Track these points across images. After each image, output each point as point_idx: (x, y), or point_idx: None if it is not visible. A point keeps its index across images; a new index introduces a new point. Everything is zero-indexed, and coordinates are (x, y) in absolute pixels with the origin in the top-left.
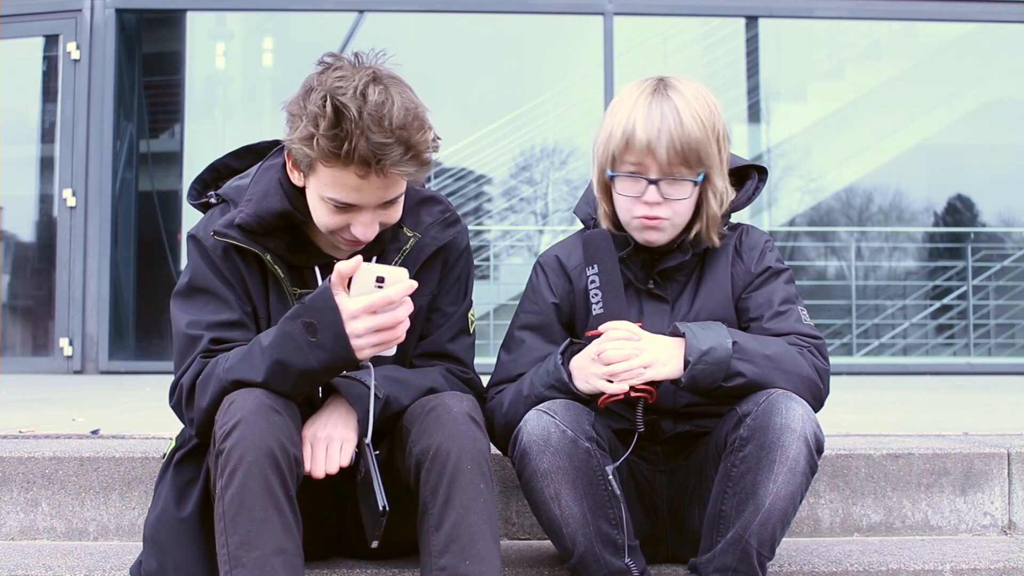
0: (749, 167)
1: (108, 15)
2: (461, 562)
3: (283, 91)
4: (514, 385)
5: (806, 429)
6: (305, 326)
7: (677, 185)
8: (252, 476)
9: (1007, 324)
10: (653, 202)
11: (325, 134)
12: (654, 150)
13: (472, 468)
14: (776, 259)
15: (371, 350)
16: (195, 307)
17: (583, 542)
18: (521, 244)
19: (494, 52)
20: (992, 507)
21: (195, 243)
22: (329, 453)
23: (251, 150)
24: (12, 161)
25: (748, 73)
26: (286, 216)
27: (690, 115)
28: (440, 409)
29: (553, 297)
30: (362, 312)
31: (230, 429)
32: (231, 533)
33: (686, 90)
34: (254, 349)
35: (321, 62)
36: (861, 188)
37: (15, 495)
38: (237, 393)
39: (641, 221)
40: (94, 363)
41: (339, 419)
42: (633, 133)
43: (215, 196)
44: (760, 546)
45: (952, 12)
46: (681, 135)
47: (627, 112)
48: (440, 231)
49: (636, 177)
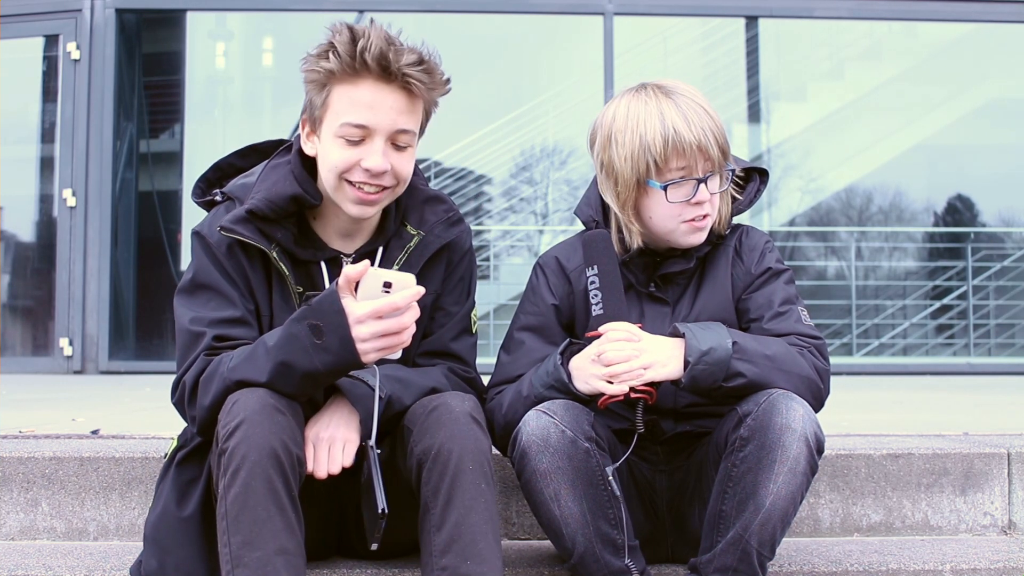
0: (751, 169)
1: (108, 15)
2: (463, 562)
3: (283, 91)
4: (514, 386)
5: (807, 429)
6: (311, 328)
7: (714, 179)
8: (255, 476)
9: (1007, 324)
10: (704, 201)
11: (341, 41)
12: (705, 148)
13: (474, 468)
14: (776, 260)
15: (376, 354)
16: (198, 304)
17: (583, 542)
18: (521, 244)
19: (494, 52)
20: (992, 507)
21: (200, 240)
22: (332, 453)
23: (255, 149)
24: (12, 161)
25: (748, 73)
26: (297, 200)
27: (708, 107)
28: (442, 409)
29: (553, 298)
30: (368, 317)
31: (233, 428)
32: (233, 532)
33: (683, 88)
34: (259, 349)
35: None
36: (861, 188)
37: (15, 495)
38: (241, 392)
39: (690, 225)
40: (94, 363)
41: (341, 419)
42: (680, 137)
43: (220, 194)
44: (760, 546)
45: (952, 12)
46: (715, 128)
47: (656, 120)
48: (444, 230)
49: (685, 181)
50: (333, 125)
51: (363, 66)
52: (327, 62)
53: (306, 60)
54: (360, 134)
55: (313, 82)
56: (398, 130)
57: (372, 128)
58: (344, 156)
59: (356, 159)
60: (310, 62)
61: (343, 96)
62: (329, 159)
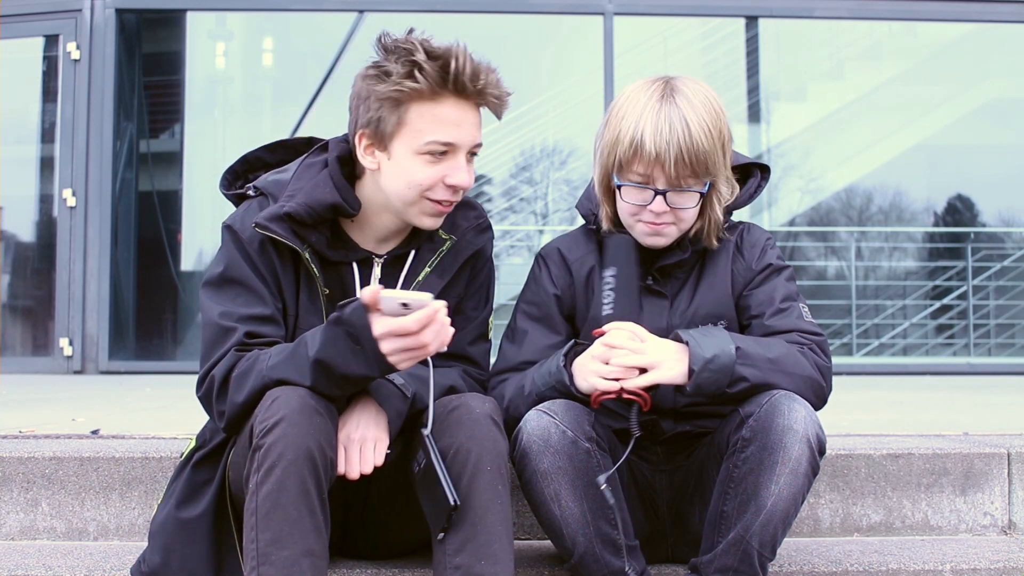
0: (751, 165)
1: (108, 15)
2: (476, 562)
3: (283, 91)
4: (516, 378)
5: (808, 430)
6: (348, 335)
7: (684, 195)
8: (290, 475)
9: (1007, 324)
10: (660, 211)
11: (429, 61)
12: (663, 162)
13: (492, 469)
14: (777, 256)
15: (408, 363)
16: (227, 298)
17: (583, 542)
18: (521, 244)
19: (494, 52)
20: (992, 507)
21: (231, 234)
22: (363, 454)
23: (284, 145)
24: (12, 161)
25: (748, 73)
26: (336, 209)
27: (698, 125)
28: (462, 409)
29: (555, 288)
30: (386, 336)
31: (271, 426)
32: (263, 529)
33: (693, 96)
34: (299, 349)
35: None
36: (861, 188)
37: (15, 495)
38: (280, 390)
39: (649, 226)
40: (94, 363)
41: (371, 419)
42: (642, 143)
43: (252, 188)
44: (761, 547)
45: (952, 12)
46: (690, 147)
47: (635, 119)
48: (475, 236)
49: (643, 187)
50: (414, 143)
51: (456, 83)
52: (414, 82)
53: (377, 79)
54: (444, 150)
55: (387, 99)
56: (476, 144)
57: (457, 145)
58: (429, 174)
59: (440, 176)
60: (388, 82)
61: (424, 114)
62: (411, 177)
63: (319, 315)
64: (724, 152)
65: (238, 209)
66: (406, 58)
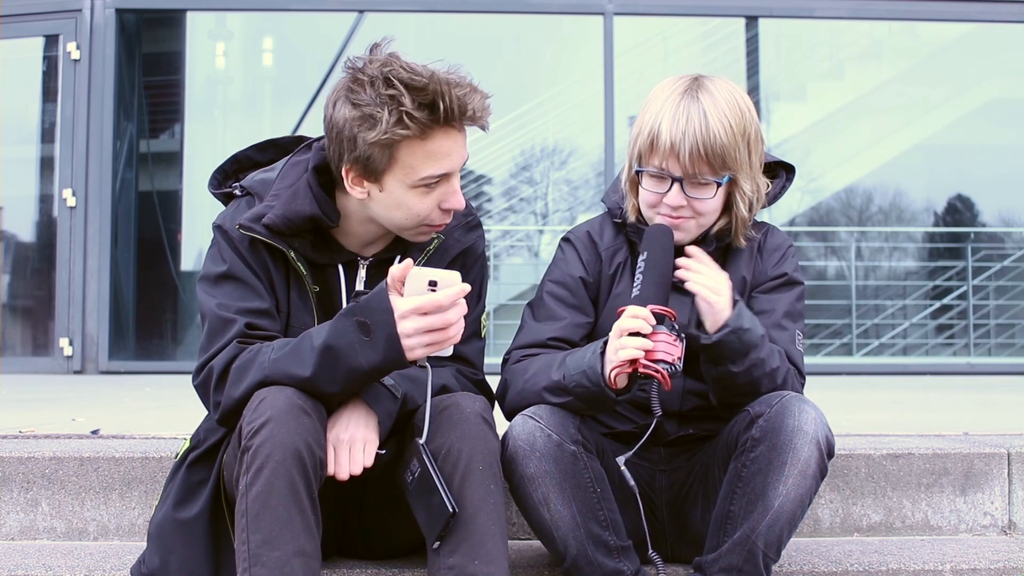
0: (776, 164)
1: (108, 15)
2: (470, 562)
3: (283, 91)
4: (546, 357)
5: (818, 432)
6: (359, 325)
7: (700, 187)
8: (278, 475)
9: (1007, 324)
10: (676, 204)
11: (415, 106)
12: (677, 152)
13: (484, 469)
14: (794, 268)
15: (423, 350)
16: (224, 292)
17: (575, 545)
18: (521, 244)
19: (494, 52)
20: (992, 507)
21: (222, 233)
22: (353, 454)
23: (274, 144)
24: (12, 161)
25: (748, 73)
26: (314, 220)
27: (717, 119)
28: (453, 409)
29: (583, 271)
30: (411, 313)
31: (259, 427)
32: (253, 531)
33: (718, 92)
34: (304, 343)
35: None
36: (861, 188)
37: (15, 495)
38: (268, 390)
39: (664, 219)
40: (94, 363)
41: (360, 420)
42: (658, 134)
43: (239, 188)
44: (767, 548)
45: (952, 12)
46: (706, 139)
47: (656, 111)
48: (463, 234)
49: (660, 176)
50: (408, 179)
51: (446, 118)
52: (404, 129)
53: (363, 123)
54: (439, 180)
55: (376, 144)
56: (465, 160)
57: (451, 172)
58: (426, 204)
59: (436, 202)
60: (377, 130)
61: (416, 152)
62: (409, 208)
63: (310, 313)
64: (750, 150)
65: (227, 208)
66: (393, 106)
